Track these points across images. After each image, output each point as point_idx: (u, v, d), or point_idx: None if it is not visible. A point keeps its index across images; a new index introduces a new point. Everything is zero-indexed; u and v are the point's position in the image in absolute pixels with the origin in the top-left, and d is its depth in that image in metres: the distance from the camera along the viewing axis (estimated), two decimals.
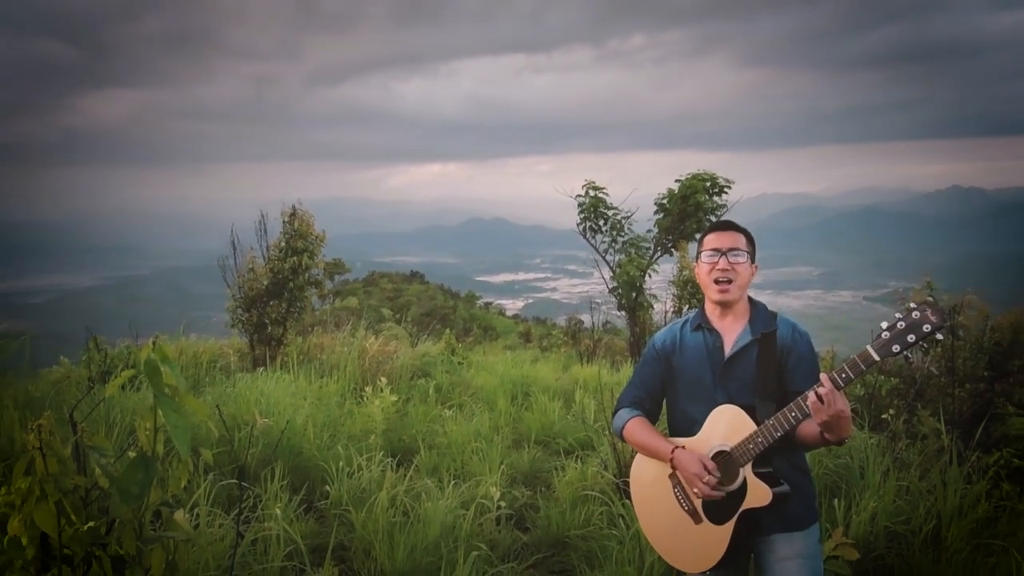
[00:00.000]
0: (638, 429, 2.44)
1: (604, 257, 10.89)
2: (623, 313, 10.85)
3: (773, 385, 2.26)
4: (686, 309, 9.48)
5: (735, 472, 2.23)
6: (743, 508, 2.23)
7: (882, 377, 5.01)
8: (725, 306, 2.37)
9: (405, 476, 4.45)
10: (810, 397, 2.04)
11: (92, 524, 2.08)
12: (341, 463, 4.47)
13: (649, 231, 10.96)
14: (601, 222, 10.80)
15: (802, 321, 2.43)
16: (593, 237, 10.90)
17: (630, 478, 2.53)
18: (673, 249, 10.49)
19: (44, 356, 7.08)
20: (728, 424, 2.25)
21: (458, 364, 8.32)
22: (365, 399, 5.98)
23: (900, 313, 2.03)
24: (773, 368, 2.28)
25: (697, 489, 2.24)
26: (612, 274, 10.76)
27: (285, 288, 7.86)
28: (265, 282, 7.81)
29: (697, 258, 2.45)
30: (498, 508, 4.12)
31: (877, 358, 2.03)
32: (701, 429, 2.32)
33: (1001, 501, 3.76)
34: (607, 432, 4.89)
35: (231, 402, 5.36)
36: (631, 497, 2.53)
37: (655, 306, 10.58)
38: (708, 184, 10.51)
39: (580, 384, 7.51)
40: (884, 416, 4.64)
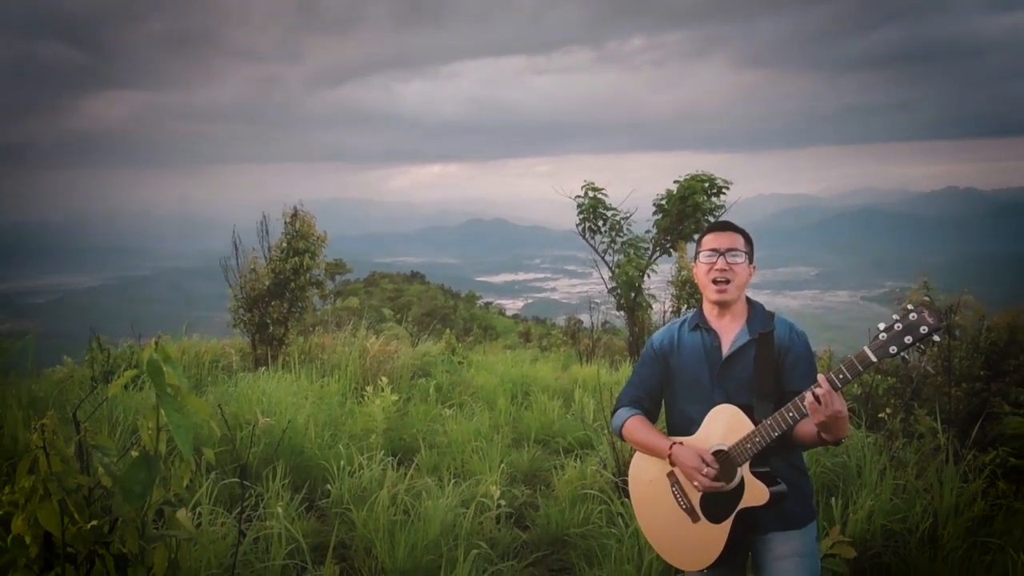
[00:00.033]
0: (637, 427, 2.45)
1: (603, 257, 10.89)
2: (622, 313, 10.86)
3: (771, 385, 2.27)
4: (684, 309, 9.49)
5: (733, 471, 2.23)
6: (740, 507, 2.23)
7: (879, 376, 5.01)
8: (723, 306, 2.38)
9: (406, 475, 4.47)
10: (807, 398, 2.04)
11: (95, 523, 2.09)
12: (342, 462, 4.48)
13: (648, 232, 10.96)
14: (600, 223, 10.80)
15: (800, 321, 2.43)
16: (592, 238, 10.90)
17: (628, 477, 2.54)
18: (672, 249, 10.49)
19: (47, 356, 7.09)
20: (726, 423, 2.26)
21: (458, 364, 8.33)
22: (366, 398, 5.98)
23: (897, 315, 2.03)
24: (770, 368, 2.28)
25: (697, 482, 2.24)
26: (611, 274, 10.77)
27: (287, 288, 7.89)
28: (267, 282, 7.84)
29: (695, 258, 2.45)
30: (498, 506, 4.13)
31: (874, 359, 2.04)
32: (699, 428, 2.32)
33: (997, 499, 3.78)
34: (606, 431, 4.90)
35: (233, 401, 5.37)
36: (630, 496, 2.54)
37: (654, 306, 10.59)
38: (706, 185, 10.52)
39: (579, 383, 7.52)
40: (881, 415, 4.64)
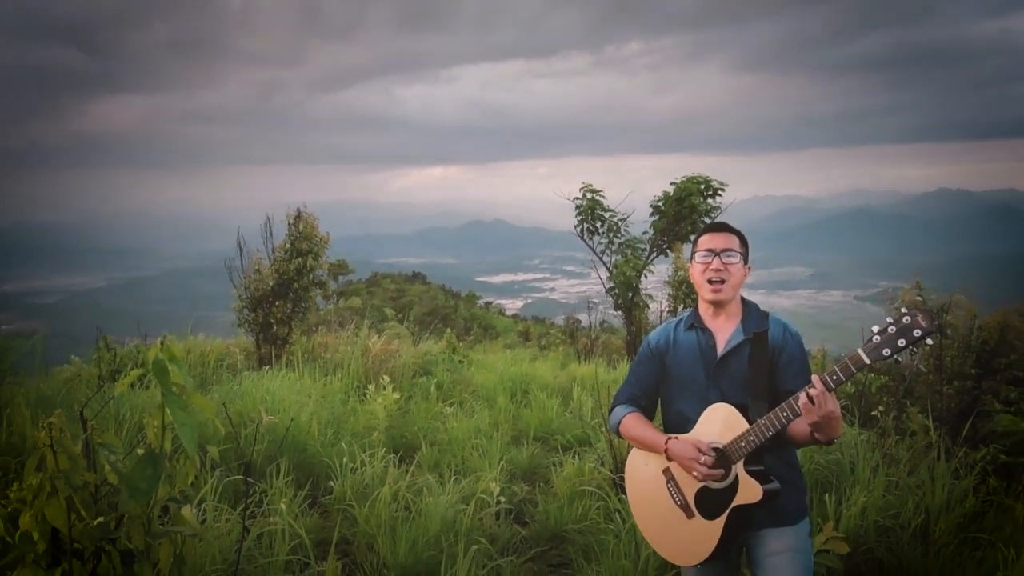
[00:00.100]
0: (633, 424, 2.48)
1: (601, 258, 10.91)
2: (620, 312, 10.89)
3: (765, 384, 2.30)
4: (680, 308, 9.54)
5: (727, 469, 2.26)
6: (734, 504, 2.25)
7: (872, 375, 5.05)
8: (718, 306, 2.41)
9: (407, 472, 4.51)
10: (801, 398, 2.07)
11: (102, 519, 2.13)
12: (345, 459, 4.51)
13: (645, 233, 10.97)
14: (598, 224, 10.82)
15: (794, 320, 2.46)
16: (590, 238, 10.92)
17: (625, 474, 2.57)
18: (668, 250, 10.53)
19: (55, 355, 7.10)
20: (721, 422, 2.28)
21: (459, 362, 8.35)
22: (368, 397, 6.01)
23: (891, 317, 2.04)
24: (765, 367, 2.31)
25: (696, 472, 2.26)
26: (609, 275, 10.79)
27: (290, 288, 7.94)
28: (271, 283, 7.89)
29: (691, 259, 2.48)
30: (497, 503, 4.17)
31: (868, 361, 2.05)
32: (695, 427, 2.35)
33: (988, 496, 3.81)
34: (604, 429, 4.93)
35: (237, 400, 5.38)
36: (626, 492, 2.58)
37: (651, 306, 10.63)
38: (702, 187, 10.52)
39: (578, 382, 7.54)
40: (874, 413, 4.66)
